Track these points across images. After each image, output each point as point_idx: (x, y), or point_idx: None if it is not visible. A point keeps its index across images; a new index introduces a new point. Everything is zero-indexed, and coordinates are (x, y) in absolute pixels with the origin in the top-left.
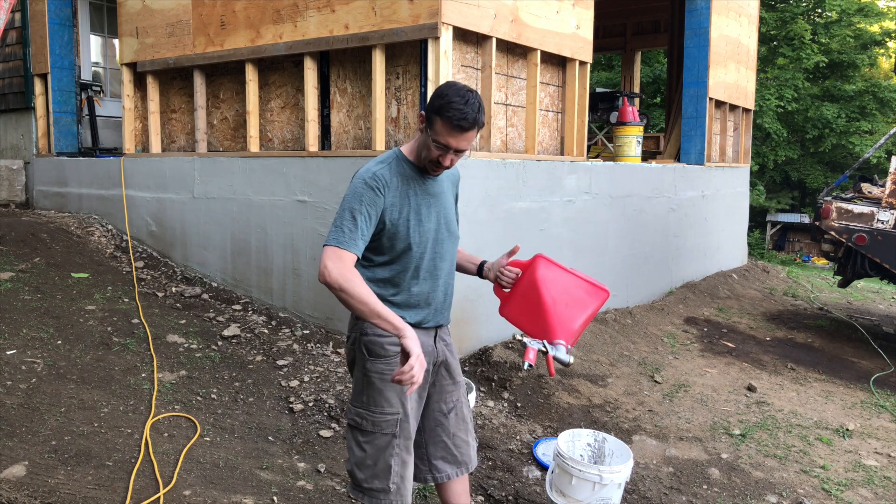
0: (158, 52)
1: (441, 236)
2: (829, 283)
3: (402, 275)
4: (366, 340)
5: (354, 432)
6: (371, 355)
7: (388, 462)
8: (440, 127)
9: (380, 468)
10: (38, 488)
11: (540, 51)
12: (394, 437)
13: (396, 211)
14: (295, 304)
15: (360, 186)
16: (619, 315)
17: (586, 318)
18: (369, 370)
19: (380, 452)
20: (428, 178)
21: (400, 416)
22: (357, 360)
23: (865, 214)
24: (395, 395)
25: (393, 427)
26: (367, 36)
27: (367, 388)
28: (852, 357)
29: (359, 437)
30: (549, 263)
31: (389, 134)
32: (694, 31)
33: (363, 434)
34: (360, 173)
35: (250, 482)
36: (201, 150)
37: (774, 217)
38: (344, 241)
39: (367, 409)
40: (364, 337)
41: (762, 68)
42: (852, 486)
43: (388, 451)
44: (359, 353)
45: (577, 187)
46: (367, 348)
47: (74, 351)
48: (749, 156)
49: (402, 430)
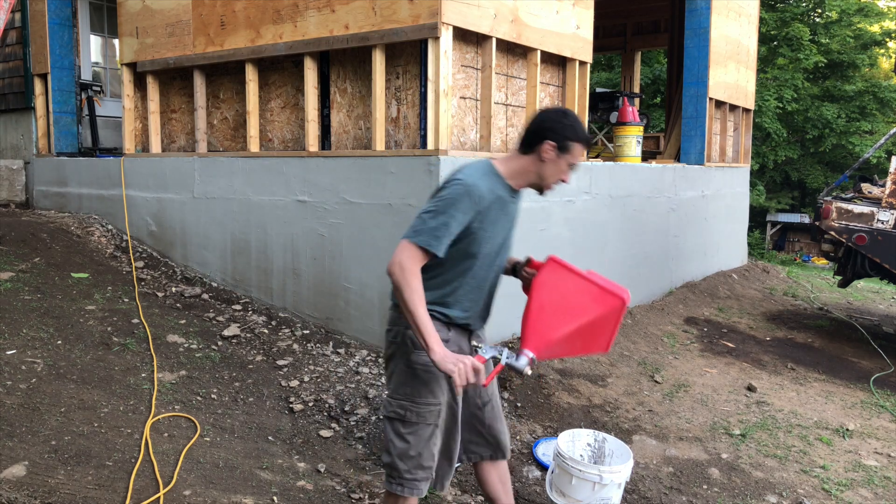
0: (158, 52)
1: (502, 252)
2: (829, 283)
3: (459, 279)
4: (411, 334)
5: (395, 424)
6: (416, 348)
7: (431, 451)
8: (579, 150)
9: (424, 458)
10: (38, 488)
11: (540, 51)
12: (435, 427)
13: (478, 224)
14: (295, 304)
15: (461, 192)
16: None
17: (581, 324)
18: (414, 362)
19: (423, 443)
20: (511, 199)
21: (441, 406)
22: (399, 353)
23: (865, 214)
24: (438, 386)
25: (436, 418)
26: (367, 36)
27: (412, 379)
28: (852, 357)
29: (400, 428)
30: (557, 267)
31: (389, 134)
32: (694, 31)
33: (406, 425)
34: (463, 180)
35: (250, 482)
36: (201, 150)
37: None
38: (429, 240)
39: (412, 400)
40: (409, 331)
41: (762, 68)
42: (852, 486)
43: (431, 440)
44: (402, 347)
45: (576, 187)
46: (412, 341)
47: (74, 351)
48: (749, 156)
49: (441, 421)
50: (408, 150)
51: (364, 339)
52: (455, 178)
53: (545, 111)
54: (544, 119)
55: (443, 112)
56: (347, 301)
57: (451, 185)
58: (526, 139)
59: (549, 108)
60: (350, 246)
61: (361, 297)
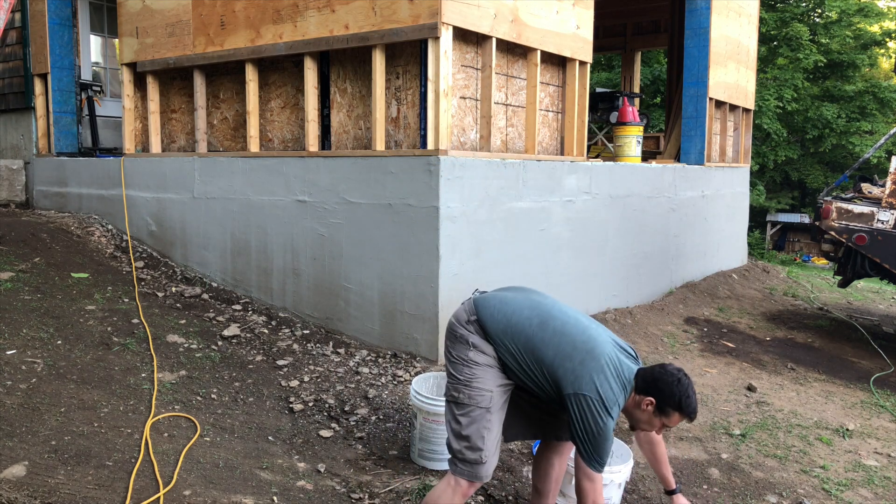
0: (158, 52)
1: None
2: (829, 283)
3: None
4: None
5: (451, 406)
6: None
7: (481, 433)
8: (676, 418)
9: (474, 440)
10: (38, 488)
11: (540, 51)
12: (487, 410)
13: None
14: (295, 304)
15: (608, 419)
16: (619, 315)
17: None
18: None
19: (474, 424)
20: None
21: (493, 393)
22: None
23: (865, 214)
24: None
25: (487, 402)
26: (367, 36)
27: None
28: (852, 357)
29: (455, 410)
30: None
31: (389, 134)
32: (694, 31)
33: (459, 406)
34: (608, 400)
35: (250, 482)
36: (201, 150)
37: (774, 217)
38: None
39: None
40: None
41: (762, 68)
42: (852, 486)
43: (481, 423)
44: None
45: (577, 187)
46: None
47: (74, 351)
48: (749, 156)
49: (493, 405)
50: (408, 150)
51: (364, 339)
52: (597, 395)
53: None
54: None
55: (443, 112)
56: (347, 301)
57: (599, 407)
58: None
59: (670, 369)
60: (350, 246)
61: (361, 297)
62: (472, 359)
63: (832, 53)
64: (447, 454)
